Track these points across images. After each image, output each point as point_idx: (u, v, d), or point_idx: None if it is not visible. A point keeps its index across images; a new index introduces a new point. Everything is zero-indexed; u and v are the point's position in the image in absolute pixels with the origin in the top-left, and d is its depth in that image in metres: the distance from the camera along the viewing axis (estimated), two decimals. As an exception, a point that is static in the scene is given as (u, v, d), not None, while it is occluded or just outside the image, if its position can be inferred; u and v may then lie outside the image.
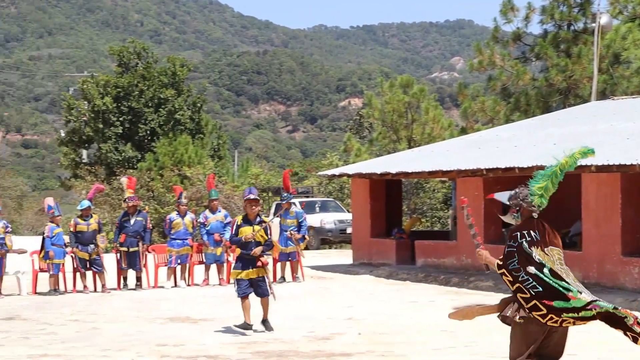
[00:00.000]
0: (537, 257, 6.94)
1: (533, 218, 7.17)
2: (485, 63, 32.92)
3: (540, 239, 7.04)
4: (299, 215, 19.53)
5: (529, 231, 7.08)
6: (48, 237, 17.64)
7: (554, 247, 7.07)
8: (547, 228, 7.16)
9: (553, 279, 6.85)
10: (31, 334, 12.37)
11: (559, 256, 7.04)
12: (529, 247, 6.97)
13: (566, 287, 6.82)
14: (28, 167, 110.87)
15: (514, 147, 19.73)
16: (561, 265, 6.99)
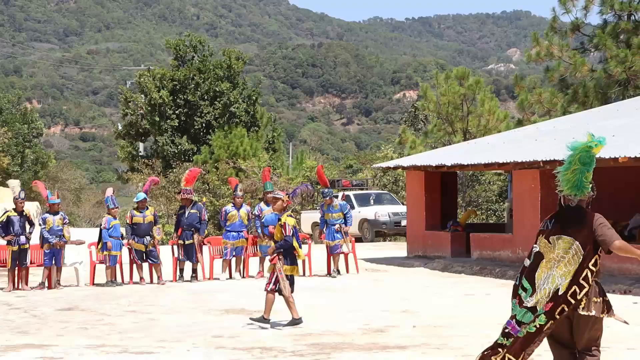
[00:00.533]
0: (535, 247, 6.97)
1: (569, 206, 7.03)
2: (543, 54, 32.50)
3: (551, 227, 6.96)
4: (343, 207, 19.40)
5: (549, 220, 7.06)
6: (105, 228, 17.86)
7: (565, 236, 6.90)
8: (568, 217, 6.98)
9: (521, 275, 6.98)
10: (89, 325, 12.53)
11: (564, 245, 6.89)
12: (537, 236, 7.01)
13: (525, 287, 6.90)
14: (86, 159, 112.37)
15: (572, 139, 19.38)
16: (566, 254, 6.87)
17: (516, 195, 19.87)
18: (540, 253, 6.95)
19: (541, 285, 6.87)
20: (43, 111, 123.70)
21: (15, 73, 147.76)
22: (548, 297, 6.83)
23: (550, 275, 6.87)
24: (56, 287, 17.37)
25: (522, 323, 6.89)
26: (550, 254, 6.91)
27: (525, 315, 6.89)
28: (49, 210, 17.81)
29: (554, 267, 6.88)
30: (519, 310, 6.92)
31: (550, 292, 6.83)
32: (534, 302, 6.86)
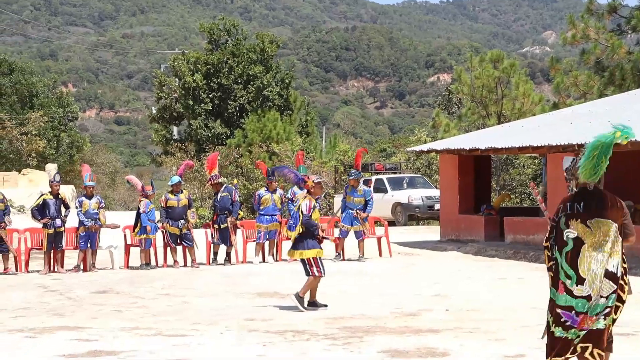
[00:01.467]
0: (570, 232, 6.83)
1: (586, 189, 7.00)
2: (579, 36, 32.19)
3: (584, 212, 6.87)
4: (366, 193, 19.26)
5: (573, 204, 6.95)
6: (144, 212, 17.95)
7: (600, 218, 6.85)
8: (598, 199, 6.95)
9: (563, 261, 6.83)
10: (124, 307, 12.63)
11: (605, 228, 6.81)
12: (566, 221, 6.88)
13: (568, 274, 6.80)
14: (121, 143, 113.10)
15: (607, 122, 19.21)
16: (606, 237, 6.79)
17: (551, 179, 19.73)
18: (579, 238, 6.82)
19: (587, 271, 6.76)
20: (78, 95, 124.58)
21: (51, 57, 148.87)
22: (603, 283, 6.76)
23: (596, 259, 6.77)
24: (91, 270, 17.52)
25: (580, 313, 6.79)
26: (592, 238, 6.80)
27: (583, 305, 6.77)
28: (85, 194, 17.95)
29: (599, 250, 6.78)
30: (573, 300, 6.79)
31: (600, 276, 6.74)
32: (588, 291, 6.75)
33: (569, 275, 6.79)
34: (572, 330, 6.82)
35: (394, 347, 9.12)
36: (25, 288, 15.05)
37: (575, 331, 6.81)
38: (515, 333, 9.94)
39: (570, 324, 6.81)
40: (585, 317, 6.78)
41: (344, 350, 9.08)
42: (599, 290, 6.76)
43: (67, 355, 8.86)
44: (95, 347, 9.33)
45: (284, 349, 9.13)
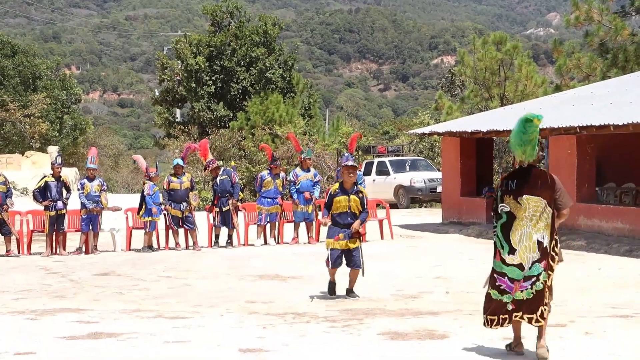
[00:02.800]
0: (504, 207, 7.68)
1: (522, 167, 7.76)
2: (582, 18, 32.07)
3: (516, 189, 7.68)
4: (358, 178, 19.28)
5: (507, 181, 7.77)
6: (149, 194, 17.99)
7: (530, 195, 7.63)
8: (531, 178, 7.70)
9: (499, 232, 7.71)
10: (125, 289, 12.67)
11: (536, 205, 7.62)
12: (501, 196, 7.73)
13: (502, 244, 7.68)
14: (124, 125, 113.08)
15: (610, 104, 19.26)
16: (536, 213, 7.60)
17: (552, 161, 19.71)
18: (511, 212, 7.67)
19: (518, 242, 7.62)
20: (81, 77, 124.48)
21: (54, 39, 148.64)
22: (532, 254, 7.59)
23: (526, 232, 7.61)
24: (93, 253, 17.57)
25: (513, 280, 7.64)
26: (522, 213, 7.62)
27: (514, 272, 7.64)
28: (87, 176, 17.98)
29: (528, 224, 7.61)
30: (506, 268, 7.67)
31: (530, 248, 7.60)
32: (518, 260, 7.62)
33: (503, 245, 7.69)
34: (506, 294, 7.68)
35: (394, 329, 9.15)
36: (27, 270, 15.10)
37: (509, 296, 7.66)
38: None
39: (505, 289, 7.68)
40: (519, 284, 7.63)
41: (344, 332, 9.11)
42: (530, 260, 7.62)
43: (68, 337, 8.90)
44: (96, 329, 9.36)
45: (284, 331, 9.17)
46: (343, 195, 11.20)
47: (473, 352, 8.05)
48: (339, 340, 8.72)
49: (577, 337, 8.61)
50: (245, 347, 8.29)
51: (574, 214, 18.64)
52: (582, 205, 18.52)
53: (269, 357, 7.96)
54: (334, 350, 8.25)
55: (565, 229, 18.65)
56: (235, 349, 8.26)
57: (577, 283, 12.66)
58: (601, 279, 13.08)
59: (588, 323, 9.30)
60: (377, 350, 8.15)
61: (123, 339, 8.80)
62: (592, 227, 18.15)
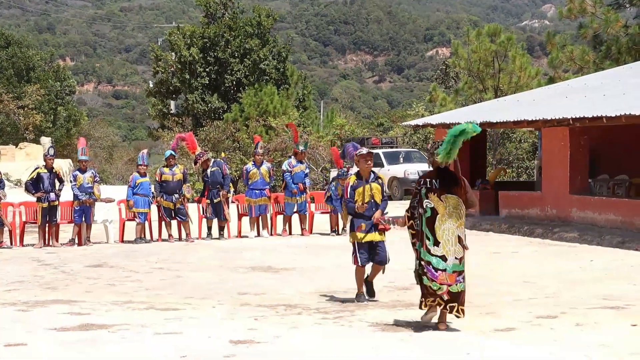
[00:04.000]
0: (429, 203, 8.71)
1: (440, 168, 8.84)
2: (576, 11, 32.05)
3: (439, 188, 8.74)
4: None
5: (431, 180, 8.80)
6: (130, 186, 18.01)
7: (451, 195, 8.74)
8: (449, 178, 8.82)
9: (424, 225, 8.70)
10: (117, 281, 12.66)
11: (454, 202, 8.74)
12: (426, 193, 8.75)
13: (427, 236, 8.69)
14: (119, 117, 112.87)
15: (603, 96, 19.27)
16: (455, 210, 8.72)
17: (545, 153, 19.72)
18: (434, 208, 8.70)
19: (442, 236, 8.66)
20: (76, 68, 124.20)
21: (49, 30, 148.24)
22: (455, 246, 8.69)
23: (447, 228, 8.68)
24: (86, 244, 17.56)
25: (438, 269, 8.63)
26: (443, 210, 8.69)
27: (440, 263, 8.65)
28: (79, 168, 17.95)
29: (447, 220, 8.68)
30: (430, 257, 8.67)
31: (452, 241, 8.68)
32: (441, 252, 8.65)
33: (428, 237, 8.70)
34: (434, 282, 8.63)
35: (385, 321, 9.16)
36: (20, 262, 15.08)
37: (436, 284, 8.62)
38: (507, 307, 9.98)
39: (431, 277, 8.64)
40: (444, 274, 8.62)
41: (335, 324, 9.11)
42: (454, 253, 8.68)
43: (59, 329, 8.89)
44: (88, 320, 9.36)
45: (276, 323, 9.17)
46: (362, 185, 10.46)
47: (464, 343, 8.06)
48: (330, 332, 8.72)
49: (569, 328, 8.63)
50: (237, 339, 8.29)
51: (567, 206, 18.66)
52: (575, 197, 18.53)
53: (261, 348, 7.96)
54: (325, 341, 8.25)
55: (558, 220, 18.68)
56: (226, 340, 8.26)
57: (570, 274, 12.68)
58: (593, 270, 13.10)
59: (580, 314, 9.32)
60: (369, 342, 8.16)
61: (114, 331, 8.79)
62: (585, 218, 18.17)
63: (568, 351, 7.60)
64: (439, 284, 8.60)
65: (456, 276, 8.68)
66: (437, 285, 8.61)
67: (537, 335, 8.30)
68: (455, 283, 8.65)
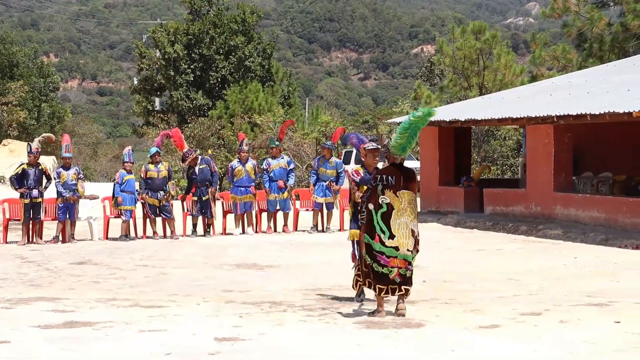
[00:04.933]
0: (385, 199, 9.05)
1: (395, 164, 9.17)
2: (560, 9, 32.14)
3: (395, 184, 9.08)
4: (338, 165, 19.25)
5: (387, 176, 9.11)
6: (117, 183, 17.95)
7: (406, 190, 9.12)
8: (404, 174, 9.16)
9: (379, 220, 9.08)
10: (101, 278, 12.62)
11: (409, 198, 9.15)
12: (382, 189, 9.08)
13: (383, 230, 9.09)
14: (103, 114, 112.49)
15: (587, 93, 19.34)
16: (409, 205, 9.14)
17: (530, 151, 19.78)
18: (390, 204, 9.06)
19: (397, 229, 9.08)
20: (60, 65, 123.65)
21: (33, 26, 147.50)
22: (409, 239, 9.16)
23: (402, 222, 9.11)
24: (70, 241, 17.50)
25: (390, 257, 9.11)
26: (399, 205, 9.09)
27: (391, 252, 9.12)
28: (63, 165, 17.88)
29: (403, 215, 9.10)
30: (385, 248, 9.10)
31: (407, 235, 9.14)
32: (395, 243, 9.10)
33: (384, 231, 9.08)
34: (386, 267, 9.15)
35: (370, 318, 9.17)
36: (3, 259, 15.01)
37: (388, 268, 9.14)
38: (491, 304, 10.01)
39: (384, 263, 9.15)
40: (395, 260, 9.14)
41: (320, 321, 9.12)
42: (407, 245, 9.16)
43: (43, 326, 8.86)
44: (72, 318, 9.32)
45: (260, 320, 9.16)
46: None
47: (448, 340, 8.08)
48: (315, 329, 8.73)
49: (553, 325, 8.66)
50: (222, 336, 8.28)
51: (551, 203, 18.73)
52: (559, 195, 18.60)
53: (246, 345, 7.95)
54: (310, 338, 8.26)
55: (542, 217, 18.74)
56: (211, 337, 8.25)
57: (553, 272, 12.73)
58: (577, 267, 13.15)
59: (563, 311, 9.35)
60: (354, 339, 8.16)
61: (99, 328, 8.77)
62: (568, 216, 18.23)
63: (552, 348, 7.62)
64: (390, 267, 9.12)
65: (407, 264, 9.21)
66: (388, 269, 9.13)
67: (521, 332, 8.33)
68: (406, 268, 9.20)
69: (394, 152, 9.11)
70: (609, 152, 20.58)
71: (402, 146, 9.04)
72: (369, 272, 9.26)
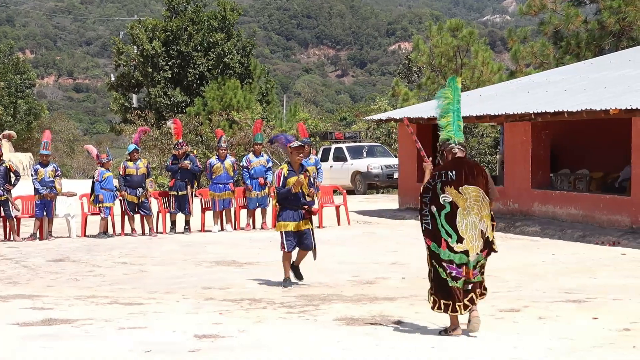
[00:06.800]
0: (446, 197, 7.93)
1: (458, 158, 8.07)
2: (536, 7, 32.29)
3: (455, 179, 7.95)
4: (316, 162, 19.36)
5: (447, 172, 7.99)
6: (97, 181, 17.88)
7: (470, 185, 7.95)
8: (467, 168, 8.03)
9: (444, 222, 7.94)
10: (80, 276, 12.58)
11: (475, 194, 7.96)
12: (442, 187, 7.95)
13: (449, 233, 7.94)
14: (80, 111, 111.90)
15: (564, 91, 19.45)
16: (476, 202, 7.95)
17: (507, 147, 19.87)
18: (454, 202, 7.93)
19: (465, 231, 7.94)
20: (36, 61, 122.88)
21: (8, 22, 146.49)
22: (479, 242, 7.97)
23: (470, 222, 7.95)
24: (47, 239, 17.42)
25: (461, 265, 7.98)
26: (464, 203, 7.94)
27: (462, 258, 7.98)
28: (41, 162, 17.79)
29: (470, 214, 7.94)
30: (453, 255, 7.96)
31: (476, 236, 7.96)
32: (464, 247, 7.94)
33: (450, 234, 7.95)
34: (460, 280, 8.00)
35: (350, 315, 9.19)
36: (-19, 257, 14.93)
37: (462, 281, 8.01)
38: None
39: (456, 275, 7.99)
40: (467, 269, 7.99)
41: (300, 318, 9.12)
42: (477, 248, 7.99)
43: (22, 324, 8.81)
44: (51, 315, 9.28)
45: (240, 317, 9.16)
46: (294, 175, 11.19)
47: (428, 337, 8.11)
48: (295, 326, 8.73)
49: (531, 321, 8.71)
50: (202, 333, 8.27)
51: (529, 200, 18.82)
52: (536, 192, 18.70)
53: (226, 342, 7.95)
54: (290, 335, 8.26)
55: (520, 214, 18.83)
56: (191, 334, 8.23)
57: (531, 268, 12.79)
58: (555, 264, 13.23)
59: (542, 308, 9.41)
60: (333, 336, 8.17)
61: (77, 325, 8.73)
62: (546, 212, 18.33)
63: (530, 344, 7.67)
64: (463, 279, 8.05)
65: (476, 272, 8.11)
66: (462, 282, 8.05)
67: (500, 329, 8.37)
68: (473, 277, 8.09)
69: (447, 140, 8.17)
70: (586, 149, 20.70)
71: (452, 130, 8.16)
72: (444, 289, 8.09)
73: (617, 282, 11.29)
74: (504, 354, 7.41)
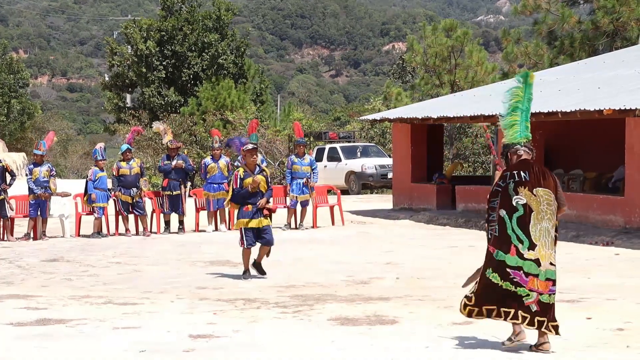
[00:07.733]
0: (520, 199, 7.32)
1: (525, 160, 7.47)
2: (530, 7, 32.33)
3: (529, 180, 7.35)
4: (312, 162, 19.41)
5: (519, 172, 7.38)
6: (91, 180, 17.86)
7: (542, 188, 7.36)
8: (537, 170, 7.44)
9: (515, 226, 7.32)
10: (74, 276, 12.57)
11: (547, 197, 7.36)
12: (514, 187, 7.35)
13: (520, 239, 7.30)
14: (73, 110, 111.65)
15: (558, 91, 19.48)
16: (549, 207, 7.36)
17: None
18: (528, 205, 7.31)
19: (539, 237, 7.32)
20: (30, 61, 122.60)
21: (1, 22, 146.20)
22: (552, 250, 7.38)
23: (544, 228, 7.34)
24: (41, 239, 17.39)
25: (529, 274, 7.32)
26: (538, 206, 7.32)
27: (531, 267, 7.32)
28: (35, 161, 17.76)
29: (544, 219, 7.34)
30: (523, 262, 7.31)
31: (549, 244, 7.36)
32: (536, 255, 7.31)
33: (521, 240, 7.30)
34: (521, 288, 7.32)
35: (344, 315, 9.20)
36: (-26, 257, 14.90)
37: (524, 289, 7.32)
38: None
39: (519, 282, 7.32)
40: (535, 279, 7.32)
41: (294, 318, 9.13)
42: (550, 257, 7.36)
43: (16, 324, 8.81)
44: (45, 315, 9.28)
45: (235, 317, 9.16)
46: (249, 176, 11.89)
47: (422, 337, 8.12)
48: (289, 326, 8.74)
49: (525, 321, 8.70)
50: (196, 333, 8.27)
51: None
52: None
53: (220, 342, 7.95)
54: (284, 335, 8.27)
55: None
56: (185, 334, 8.24)
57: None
58: (549, 264, 13.23)
59: (535, 307, 9.40)
60: (328, 336, 8.18)
61: (72, 325, 8.73)
62: (540, 212, 18.32)
63: (525, 344, 7.67)
64: (527, 289, 7.32)
65: (550, 285, 7.37)
66: (525, 291, 7.32)
67: (495, 328, 8.37)
68: (548, 293, 7.36)
69: (514, 140, 7.57)
70: (580, 149, 20.73)
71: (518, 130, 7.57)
72: (491, 295, 7.44)
73: (611, 282, 11.32)
74: (499, 353, 7.42)
